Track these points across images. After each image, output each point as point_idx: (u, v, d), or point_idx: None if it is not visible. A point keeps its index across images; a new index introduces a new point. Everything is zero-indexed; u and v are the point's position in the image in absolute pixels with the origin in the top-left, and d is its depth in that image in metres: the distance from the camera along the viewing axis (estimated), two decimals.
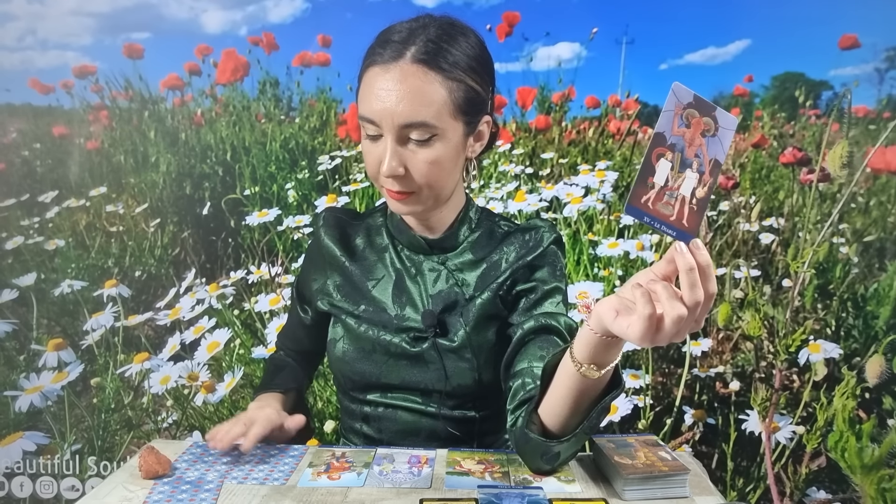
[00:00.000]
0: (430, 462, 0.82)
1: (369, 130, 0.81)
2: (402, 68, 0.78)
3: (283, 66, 2.92)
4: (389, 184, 0.83)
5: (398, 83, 0.78)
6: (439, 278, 0.92)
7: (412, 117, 0.78)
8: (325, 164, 2.80)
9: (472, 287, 0.91)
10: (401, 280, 0.92)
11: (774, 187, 2.68)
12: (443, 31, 0.81)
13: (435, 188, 0.84)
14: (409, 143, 0.80)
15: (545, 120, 2.82)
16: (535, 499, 0.71)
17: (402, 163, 0.80)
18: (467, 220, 0.94)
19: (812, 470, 1.44)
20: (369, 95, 0.80)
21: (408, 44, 0.79)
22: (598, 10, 2.59)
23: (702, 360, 1.84)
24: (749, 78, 2.68)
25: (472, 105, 0.83)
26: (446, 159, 0.82)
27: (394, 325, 0.90)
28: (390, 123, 0.78)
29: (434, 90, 0.79)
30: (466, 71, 0.81)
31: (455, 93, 0.80)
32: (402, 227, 0.93)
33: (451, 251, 0.93)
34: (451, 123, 0.81)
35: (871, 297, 1.78)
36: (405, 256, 0.94)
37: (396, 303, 0.91)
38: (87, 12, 2.70)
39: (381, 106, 0.78)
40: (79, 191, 2.77)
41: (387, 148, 0.80)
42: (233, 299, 1.89)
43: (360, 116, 0.82)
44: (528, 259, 0.90)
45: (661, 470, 0.75)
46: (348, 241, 0.96)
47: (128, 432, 1.52)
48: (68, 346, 1.52)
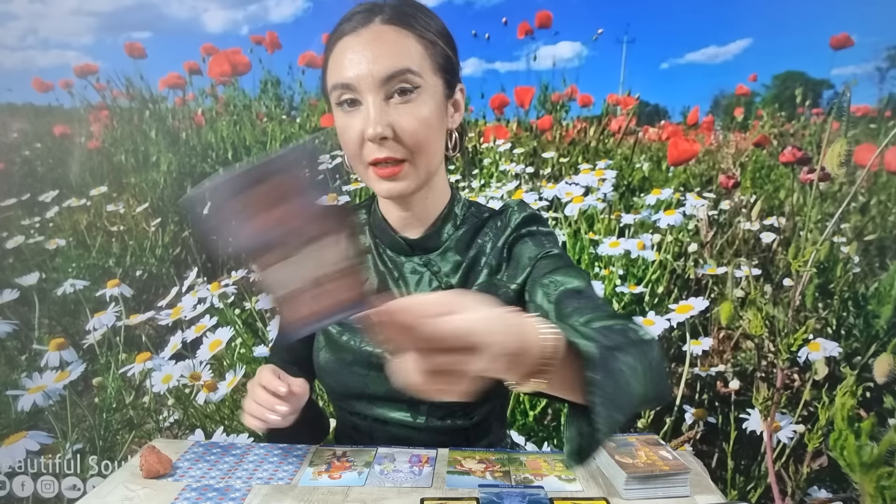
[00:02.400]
0: (431, 461, 0.82)
1: (343, 97, 0.77)
2: (374, 29, 0.77)
3: (285, 65, 2.92)
4: (376, 152, 0.76)
5: (372, 42, 0.76)
6: (421, 281, 0.87)
7: (394, 66, 0.75)
8: (325, 164, 2.80)
9: (457, 286, 0.86)
10: (384, 283, 0.87)
11: (775, 186, 2.68)
12: (405, 3, 0.80)
13: (425, 154, 0.79)
14: (393, 100, 0.76)
15: (547, 119, 2.82)
16: (536, 498, 0.71)
17: (389, 123, 0.75)
18: (452, 216, 0.89)
19: (813, 469, 1.44)
20: (341, 62, 0.77)
21: (373, 13, 0.78)
22: (598, 10, 2.59)
23: (702, 359, 1.84)
24: (753, 77, 2.68)
25: (449, 65, 0.81)
26: (433, 116, 0.78)
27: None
28: (370, 81, 0.75)
29: (410, 44, 0.77)
30: (437, 35, 0.80)
31: (430, 49, 0.79)
32: (384, 227, 0.88)
33: (433, 251, 0.88)
34: (433, 79, 0.79)
35: (871, 297, 1.78)
36: (387, 258, 0.89)
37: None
38: (88, 11, 2.70)
39: (358, 66, 0.75)
40: (80, 190, 2.77)
41: (370, 108, 0.75)
42: (234, 298, 1.89)
43: (332, 86, 0.78)
44: (499, 244, 0.86)
45: (661, 469, 0.75)
46: None
47: (129, 432, 1.53)
48: (70, 345, 1.52)
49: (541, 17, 2.48)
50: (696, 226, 2.25)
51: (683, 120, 2.80)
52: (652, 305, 1.92)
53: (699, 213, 2.17)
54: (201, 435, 1.52)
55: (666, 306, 1.74)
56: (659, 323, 1.55)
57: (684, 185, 2.58)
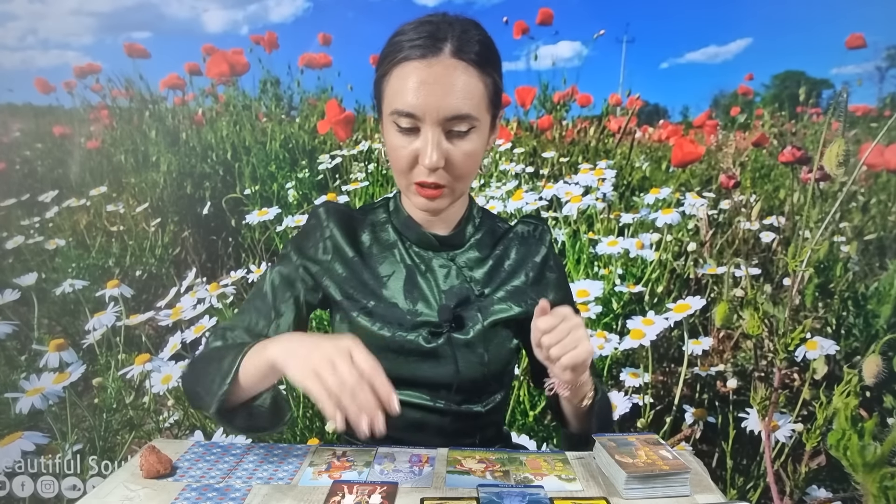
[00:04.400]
0: (431, 461, 0.82)
1: (403, 123, 0.82)
2: (444, 62, 0.80)
3: (285, 65, 2.93)
4: (423, 177, 0.83)
5: (443, 77, 0.80)
6: (450, 274, 0.93)
7: (458, 110, 0.80)
8: (325, 164, 2.80)
9: (480, 283, 0.93)
10: (412, 276, 0.92)
11: (775, 186, 2.68)
12: (467, 28, 0.83)
13: (466, 181, 0.87)
14: (450, 135, 0.82)
15: (547, 119, 2.82)
16: (536, 497, 0.71)
17: (443, 155, 0.82)
18: (472, 218, 0.97)
19: (812, 468, 1.44)
20: (406, 89, 0.80)
21: (442, 39, 0.81)
22: (599, 9, 2.60)
23: (702, 359, 1.84)
24: (750, 76, 2.68)
25: (497, 98, 0.87)
26: (480, 151, 0.86)
27: (408, 321, 0.89)
28: (435, 116, 0.80)
29: (474, 84, 0.82)
30: (494, 66, 0.85)
31: (488, 87, 0.84)
32: (411, 224, 0.94)
33: (458, 248, 0.95)
34: (485, 116, 0.85)
35: (871, 296, 1.78)
36: (413, 253, 0.94)
37: (408, 298, 0.91)
38: (88, 12, 2.71)
39: (426, 100, 0.79)
40: (79, 190, 2.77)
41: (429, 140, 0.81)
42: (233, 298, 1.89)
43: (394, 110, 0.82)
44: (537, 259, 0.97)
45: (661, 469, 0.75)
46: (355, 236, 0.95)
47: (129, 432, 1.53)
48: (69, 346, 1.52)
49: (542, 15, 2.48)
50: (696, 225, 2.25)
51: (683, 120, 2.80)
52: (651, 305, 1.92)
53: (699, 213, 2.18)
54: (201, 435, 1.52)
55: (665, 306, 1.74)
56: (658, 322, 1.55)
57: (684, 185, 2.58)
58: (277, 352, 0.73)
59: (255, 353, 0.76)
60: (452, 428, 0.92)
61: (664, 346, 2.01)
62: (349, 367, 0.67)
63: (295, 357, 0.70)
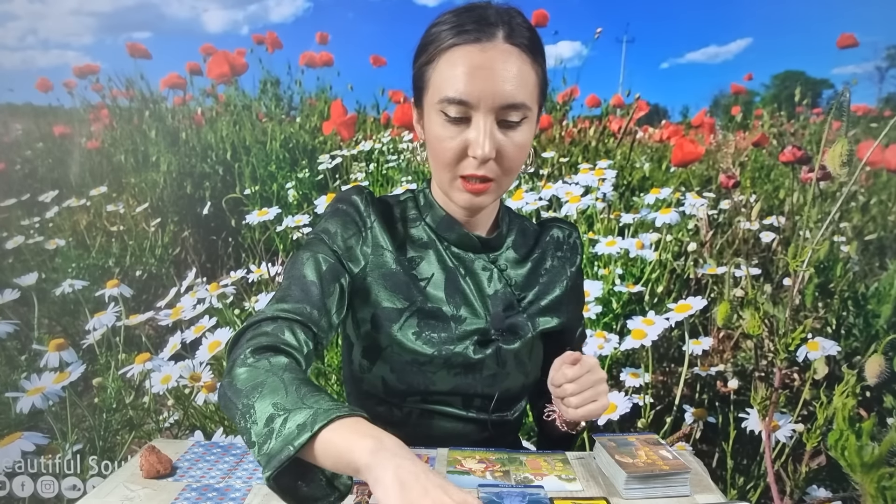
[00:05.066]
0: (431, 461, 0.82)
1: (453, 112, 0.75)
2: (500, 48, 0.75)
3: (284, 65, 2.92)
4: (472, 169, 0.77)
5: (500, 63, 0.74)
6: (492, 278, 0.88)
7: (514, 98, 0.75)
8: (325, 164, 2.80)
9: (520, 287, 0.89)
10: (453, 278, 0.86)
11: (775, 186, 2.68)
12: (514, 15, 0.78)
13: (513, 176, 0.81)
14: (502, 126, 0.77)
15: (547, 119, 2.82)
16: (536, 497, 0.71)
17: (496, 146, 0.76)
18: (506, 218, 0.92)
19: (812, 468, 1.44)
20: (457, 75, 0.74)
21: (494, 24, 0.76)
22: (599, 9, 2.59)
23: (702, 359, 1.84)
24: (749, 76, 2.68)
25: (546, 88, 0.83)
26: (529, 142, 0.80)
27: (454, 331, 0.84)
28: (490, 104, 0.74)
29: (528, 72, 0.77)
30: (542, 54, 0.81)
31: (539, 76, 0.79)
32: (451, 223, 0.86)
33: (497, 250, 0.90)
34: (535, 106, 0.80)
35: (871, 296, 1.78)
36: (452, 254, 0.87)
37: (450, 302, 0.85)
38: (88, 11, 2.70)
39: (482, 85, 0.74)
40: (79, 190, 2.77)
41: (482, 129, 0.75)
42: (233, 298, 1.89)
43: (444, 98, 0.75)
44: (573, 269, 0.95)
45: (662, 469, 0.75)
46: (394, 231, 0.86)
47: (129, 432, 1.53)
48: (69, 345, 1.52)
49: (537, 17, 2.47)
50: (696, 225, 2.25)
51: (683, 120, 2.80)
52: (651, 305, 1.92)
53: (699, 213, 2.17)
54: (201, 435, 1.52)
55: (665, 306, 1.74)
56: (658, 322, 1.55)
57: (684, 185, 2.58)
58: (374, 464, 0.54)
59: (340, 436, 0.56)
60: (481, 437, 0.89)
61: (664, 346, 2.01)
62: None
63: (396, 489, 0.52)
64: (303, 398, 0.60)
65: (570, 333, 0.96)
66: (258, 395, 0.61)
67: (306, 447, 0.56)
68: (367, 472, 0.55)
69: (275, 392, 0.61)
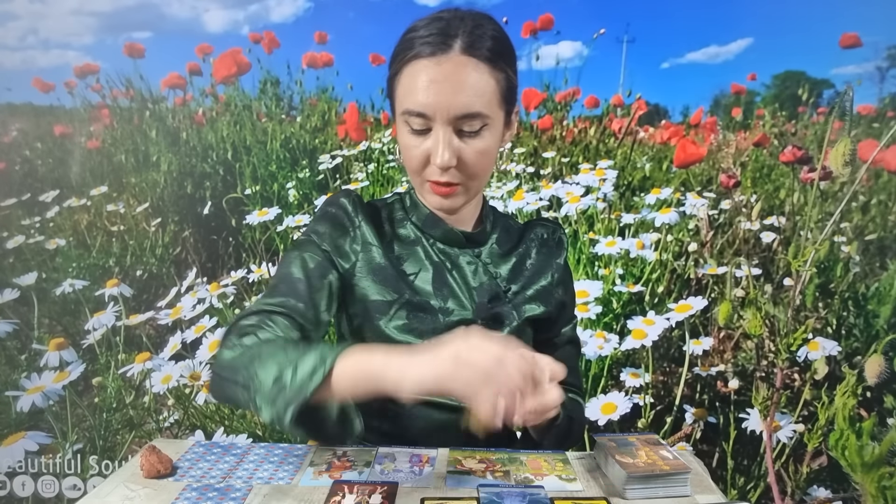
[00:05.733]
0: (432, 461, 0.82)
1: (415, 125, 0.80)
2: (454, 60, 0.78)
3: (285, 65, 2.93)
4: (437, 176, 0.82)
5: (452, 75, 0.78)
6: (477, 271, 0.92)
7: (468, 108, 0.78)
8: (325, 164, 2.80)
9: (505, 280, 0.93)
10: (440, 272, 0.90)
11: (775, 186, 2.68)
12: (479, 23, 0.81)
13: (480, 180, 0.85)
14: (461, 133, 0.81)
15: (548, 119, 2.82)
16: (536, 498, 0.71)
17: (455, 154, 0.81)
18: (489, 215, 0.96)
19: (813, 469, 1.44)
20: (416, 89, 0.79)
21: (452, 36, 0.79)
22: (599, 9, 2.59)
23: (703, 359, 1.84)
24: (753, 76, 2.68)
25: (511, 94, 0.85)
26: (493, 149, 0.84)
27: (442, 323, 0.87)
28: (445, 116, 0.78)
29: (485, 81, 0.80)
30: (507, 60, 0.83)
31: (501, 83, 0.82)
32: (436, 220, 0.91)
33: (481, 245, 0.94)
34: (498, 113, 0.83)
35: (872, 296, 1.78)
36: (438, 250, 0.92)
37: (438, 295, 0.89)
38: (88, 11, 2.71)
39: (436, 99, 0.78)
40: (80, 190, 2.77)
41: (440, 139, 0.79)
42: (234, 298, 1.89)
43: (405, 111, 0.80)
44: (559, 261, 0.97)
45: (662, 469, 0.75)
46: (382, 230, 0.91)
47: (129, 432, 1.53)
48: (70, 345, 1.52)
49: (543, 21, 2.48)
50: (697, 225, 2.25)
51: (684, 120, 2.80)
52: (652, 305, 1.92)
53: (699, 213, 2.18)
54: (201, 435, 1.52)
55: (666, 306, 1.74)
56: (659, 322, 1.55)
57: (685, 185, 2.58)
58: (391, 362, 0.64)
59: (354, 360, 0.65)
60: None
61: (665, 346, 2.01)
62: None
63: (458, 367, 0.60)
64: (303, 351, 0.67)
65: (557, 328, 0.98)
66: (259, 364, 0.68)
67: (322, 386, 0.64)
68: (390, 372, 0.64)
69: (273, 356, 0.68)
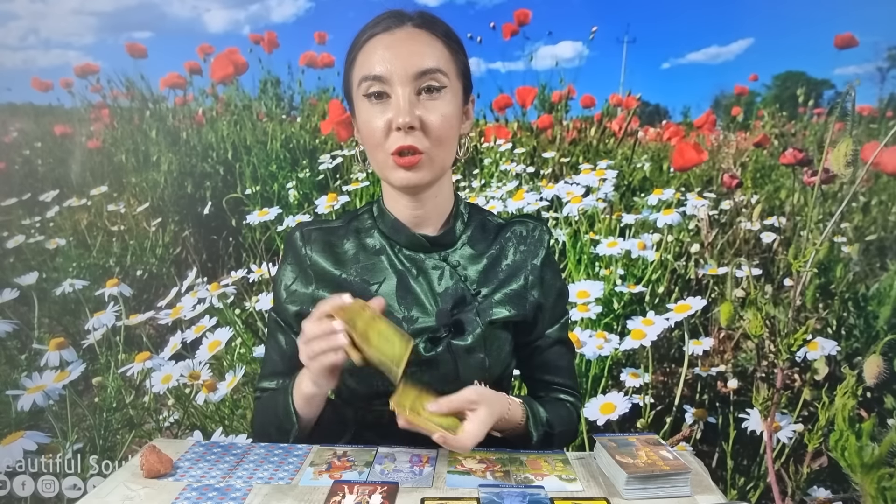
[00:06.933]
0: (432, 461, 0.82)
1: (373, 88, 0.82)
2: (409, 31, 0.83)
3: (285, 65, 2.92)
4: (401, 140, 0.81)
5: (406, 40, 0.82)
6: (443, 276, 0.90)
7: (424, 64, 0.81)
8: (326, 164, 2.80)
9: (475, 283, 0.90)
10: (404, 280, 0.89)
11: (776, 186, 2.67)
12: (432, 17, 0.87)
13: (444, 149, 0.84)
14: (422, 96, 0.82)
15: (547, 119, 2.82)
16: (536, 498, 0.71)
17: (418, 115, 0.81)
18: (460, 214, 0.94)
19: (813, 469, 1.44)
20: (372, 57, 0.82)
21: (403, 18, 0.85)
22: (599, 9, 2.59)
23: (703, 359, 1.84)
24: (755, 77, 2.68)
25: (467, 73, 0.89)
26: (454, 116, 0.85)
27: (404, 329, 0.85)
28: (403, 75, 0.80)
29: (439, 48, 0.84)
30: (459, 46, 0.88)
31: (455, 56, 0.86)
32: (399, 226, 0.91)
33: (450, 247, 0.92)
34: (455, 82, 0.85)
35: (872, 297, 1.78)
36: (404, 256, 0.91)
37: (402, 304, 0.88)
38: (89, 11, 2.70)
39: (392, 61, 0.81)
40: (80, 190, 2.77)
41: (400, 97, 0.81)
42: (234, 298, 1.89)
43: (362, 77, 0.83)
44: (536, 262, 0.93)
45: (662, 469, 0.75)
46: (335, 251, 0.92)
47: (129, 431, 1.53)
48: (70, 345, 1.52)
49: (519, 16, 2.47)
50: (697, 226, 2.25)
51: (684, 120, 2.80)
52: (652, 305, 1.92)
53: (700, 214, 2.17)
54: (201, 435, 1.52)
55: (666, 306, 1.74)
56: (658, 323, 1.55)
57: (685, 186, 2.58)
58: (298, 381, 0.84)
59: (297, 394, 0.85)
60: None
61: (665, 346, 2.01)
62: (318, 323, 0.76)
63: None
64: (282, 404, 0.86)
65: (539, 330, 0.95)
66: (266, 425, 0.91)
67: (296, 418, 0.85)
68: (303, 386, 0.82)
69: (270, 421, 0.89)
